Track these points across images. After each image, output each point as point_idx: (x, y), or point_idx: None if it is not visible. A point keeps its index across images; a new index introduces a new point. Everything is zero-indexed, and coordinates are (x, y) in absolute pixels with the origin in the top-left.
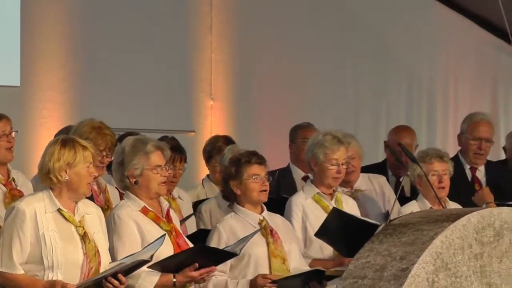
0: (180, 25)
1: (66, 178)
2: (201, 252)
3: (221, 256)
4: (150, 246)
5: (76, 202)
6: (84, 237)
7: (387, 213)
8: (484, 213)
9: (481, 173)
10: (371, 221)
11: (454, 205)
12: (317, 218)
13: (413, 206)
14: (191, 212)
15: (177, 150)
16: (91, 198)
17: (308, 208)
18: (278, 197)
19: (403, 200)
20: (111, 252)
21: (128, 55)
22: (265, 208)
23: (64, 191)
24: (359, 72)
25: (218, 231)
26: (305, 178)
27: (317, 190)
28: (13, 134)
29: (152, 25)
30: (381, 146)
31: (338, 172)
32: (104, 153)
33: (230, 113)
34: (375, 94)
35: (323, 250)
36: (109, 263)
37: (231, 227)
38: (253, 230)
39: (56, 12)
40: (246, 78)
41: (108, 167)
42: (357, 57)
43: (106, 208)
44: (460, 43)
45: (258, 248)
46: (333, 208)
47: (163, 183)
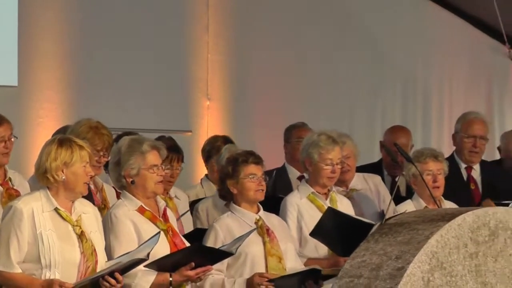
0: (177, 25)
1: (63, 178)
2: (198, 252)
3: (217, 256)
4: (146, 244)
5: (73, 202)
6: (81, 236)
7: (382, 213)
8: (479, 213)
9: (477, 173)
10: (366, 221)
11: (450, 204)
12: (312, 218)
13: (408, 206)
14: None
15: (174, 150)
16: (90, 197)
17: (303, 208)
18: (274, 197)
19: (399, 200)
20: (108, 251)
21: (125, 55)
22: (261, 208)
23: (61, 191)
24: (355, 73)
25: (215, 230)
26: (301, 178)
27: (312, 190)
28: (12, 140)
29: (149, 25)
30: (376, 146)
31: (333, 172)
32: (101, 153)
33: (227, 113)
34: (370, 95)
35: (318, 250)
36: (106, 262)
37: (228, 226)
38: (250, 229)
39: (54, 12)
40: (243, 78)
41: (106, 166)
42: (353, 58)
43: (103, 207)
44: (455, 44)
45: (255, 247)
46: (328, 208)
47: (160, 183)
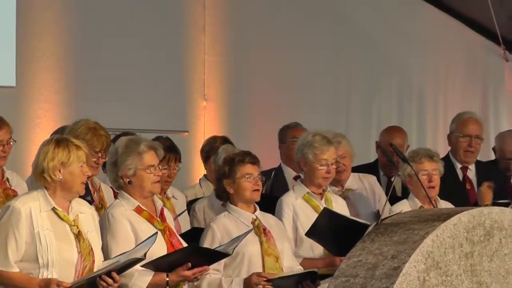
0: (174, 26)
1: (60, 177)
2: (194, 252)
3: (214, 256)
4: (143, 244)
5: (70, 201)
6: (79, 236)
7: (378, 213)
8: (475, 213)
9: (472, 173)
10: (362, 221)
11: (446, 204)
12: (308, 218)
13: (404, 205)
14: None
15: (172, 150)
16: (88, 195)
17: (299, 208)
18: (270, 197)
19: (394, 200)
20: (105, 251)
21: (123, 56)
22: (258, 208)
23: (58, 190)
24: (351, 74)
25: (212, 230)
26: (297, 178)
27: (307, 190)
28: (11, 143)
29: (146, 26)
30: (372, 147)
31: (328, 172)
32: (100, 154)
33: (223, 114)
34: (366, 96)
35: (314, 250)
36: (103, 262)
37: (225, 226)
38: (246, 229)
39: (52, 13)
40: (239, 79)
41: (103, 166)
42: (349, 58)
43: (100, 207)
44: (451, 45)
45: (252, 247)
46: (324, 209)
47: (157, 183)
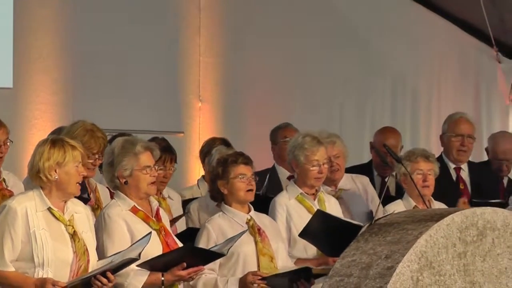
0: (169, 28)
1: (56, 178)
2: (190, 252)
3: (209, 256)
4: (137, 244)
5: (65, 201)
6: (74, 236)
7: (371, 213)
8: (468, 213)
9: (465, 173)
10: (355, 222)
11: (439, 205)
12: (301, 218)
13: (398, 205)
14: (181, 212)
15: (168, 151)
16: (85, 193)
17: (292, 208)
18: (264, 197)
19: (388, 199)
20: (101, 251)
21: (119, 58)
22: (252, 208)
23: (54, 190)
24: (344, 74)
25: (207, 230)
26: (290, 178)
27: (300, 191)
28: (8, 144)
29: (142, 28)
30: (366, 147)
31: (320, 172)
32: (97, 156)
33: (218, 115)
34: (360, 96)
35: (307, 250)
36: (98, 262)
37: (220, 226)
38: (241, 229)
39: (49, 14)
40: (234, 80)
41: (100, 167)
42: (343, 59)
43: (97, 208)
44: (443, 46)
45: (247, 247)
46: (317, 210)
47: (153, 183)
